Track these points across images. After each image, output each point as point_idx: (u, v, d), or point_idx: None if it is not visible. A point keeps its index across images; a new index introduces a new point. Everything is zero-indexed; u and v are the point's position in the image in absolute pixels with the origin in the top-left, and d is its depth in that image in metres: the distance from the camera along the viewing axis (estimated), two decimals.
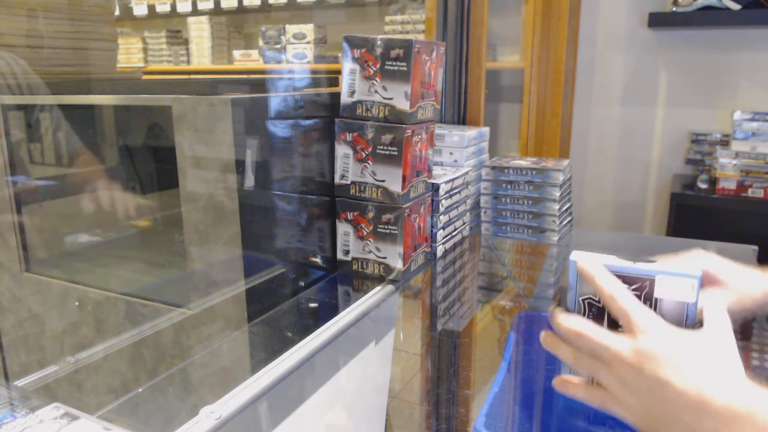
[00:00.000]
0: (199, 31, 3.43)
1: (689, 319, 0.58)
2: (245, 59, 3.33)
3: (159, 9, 3.50)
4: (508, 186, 1.28)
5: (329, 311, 0.88)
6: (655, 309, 0.58)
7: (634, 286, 0.59)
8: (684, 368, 0.50)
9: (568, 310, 0.62)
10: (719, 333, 0.53)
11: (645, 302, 0.59)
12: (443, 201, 1.09)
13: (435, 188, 1.07)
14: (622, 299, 0.56)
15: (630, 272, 0.59)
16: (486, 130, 1.44)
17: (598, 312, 0.60)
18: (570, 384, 0.60)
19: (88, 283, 1.01)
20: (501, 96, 2.56)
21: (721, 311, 0.56)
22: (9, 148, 1.05)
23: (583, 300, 0.61)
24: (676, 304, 0.58)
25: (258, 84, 0.93)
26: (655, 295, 0.58)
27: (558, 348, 0.60)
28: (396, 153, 0.93)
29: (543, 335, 0.62)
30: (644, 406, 0.52)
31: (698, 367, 0.51)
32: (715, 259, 0.71)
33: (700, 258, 0.71)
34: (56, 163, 1.13)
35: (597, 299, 0.60)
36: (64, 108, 1.09)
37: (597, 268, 0.59)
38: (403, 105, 0.92)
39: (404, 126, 0.92)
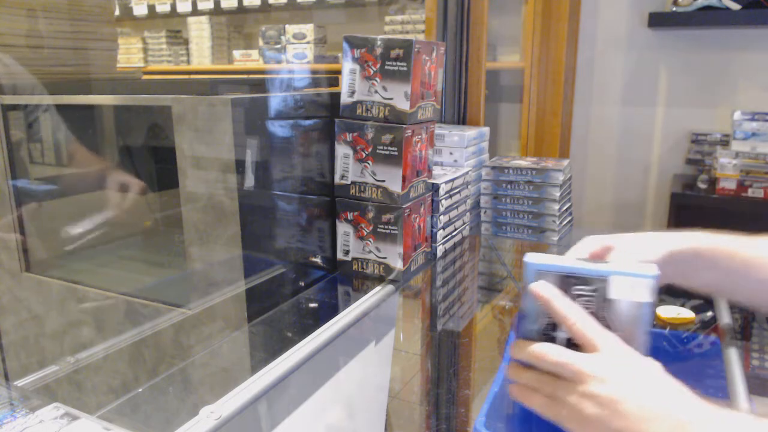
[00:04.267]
0: (199, 31, 3.42)
1: (644, 319, 0.58)
2: (245, 59, 3.33)
3: (159, 9, 3.50)
4: (508, 186, 1.28)
5: (329, 311, 0.88)
6: (610, 309, 0.59)
7: (589, 287, 0.59)
8: (644, 383, 0.54)
9: (524, 309, 0.63)
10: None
11: (601, 303, 0.59)
12: (443, 201, 1.09)
13: (435, 188, 1.07)
14: (581, 322, 0.58)
15: (585, 273, 0.59)
16: (486, 130, 1.44)
17: None
18: (527, 392, 0.61)
19: (88, 283, 1.01)
20: (501, 96, 2.56)
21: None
22: (9, 148, 1.05)
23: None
24: (631, 304, 0.58)
25: (258, 84, 0.93)
26: (611, 295, 0.58)
27: (520, 374, 0.62)
28: (396, 153, 0.93)
29: (507, 368, 0.64)
30: (604, 417, 0.53)
31: (657, 383, 0.54)
32: (605, 236, 0.72)
33: (591, 240, 0.70)
34: (56, 164, 1.13)
35: None
36: (64, 108, 1.09)
37: (551, 292, 0.60)
38: (403, 105, 0.92)
39: (404, 126, 0.92)
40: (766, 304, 0.71)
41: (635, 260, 0.64)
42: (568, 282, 0.60)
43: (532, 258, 0.61)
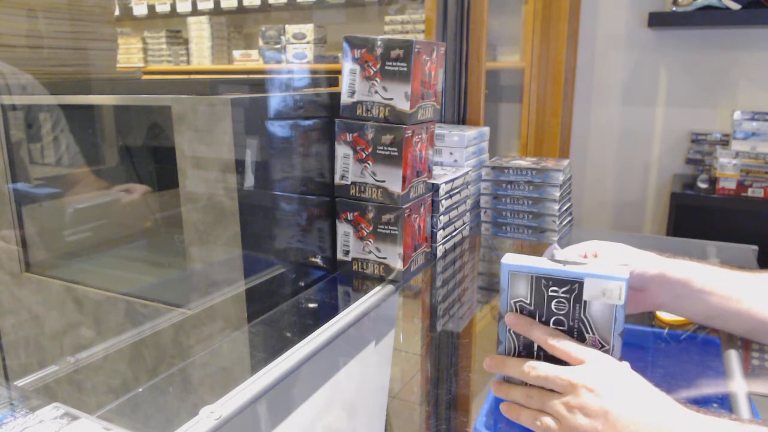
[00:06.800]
0: (199, 31, 3.42)
1: (618, 321, 0.59)
2: (245, 59, 3.33)
3: (159, 9, 3.50)
4: (508, 186, 1.28)
5: (329, 311, 0.88)
6: (584, 311, 0.59)
7: (563, 289, 0.60)
8: (632, 393, 0.55)
9: (500, 312, 0.64)
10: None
11: (575, 304, 0.60)
12: (443, 201, 1.09)
13: (435, 188, 1.07)
14: (561, 341, 0.60)
15: (560, 275, 0.60)
16: (486, 130, 1.44)
17: (529, 314, 0.62)
18: (516, 408, 0.62)
19: (88, 283, 1.01)
20: (501, 96, 2.56)
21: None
22: (9, 148, 1.05)
23: (515, 303, 0.63)
24: (605, 306, 0.59)
25: (258, 84, 0.93)
26: (584, 297, 0.59)
27: (508, 392, 0.63)
28: (396, 153, 0.93)
29: (495, 386, 0.65)
30: (594, 427, 0.54)
31: (644, 392, 0.55)
32: (609, 243, 0.74)
33: (595, 245, 0.72)
34: (56, 164, 1.13)
35: (528, 302, 0.62)
36: (64, 108, 1.09)
37: (525, 321, 0.61)
38: (403, 105, 0.92)
39: (404, 126, 0.92)
40: (759, 338, 0.73)
41: (611, 263, 0.65)
42: (542, 283, 0.61)
43: (507, 259, 0.62)
